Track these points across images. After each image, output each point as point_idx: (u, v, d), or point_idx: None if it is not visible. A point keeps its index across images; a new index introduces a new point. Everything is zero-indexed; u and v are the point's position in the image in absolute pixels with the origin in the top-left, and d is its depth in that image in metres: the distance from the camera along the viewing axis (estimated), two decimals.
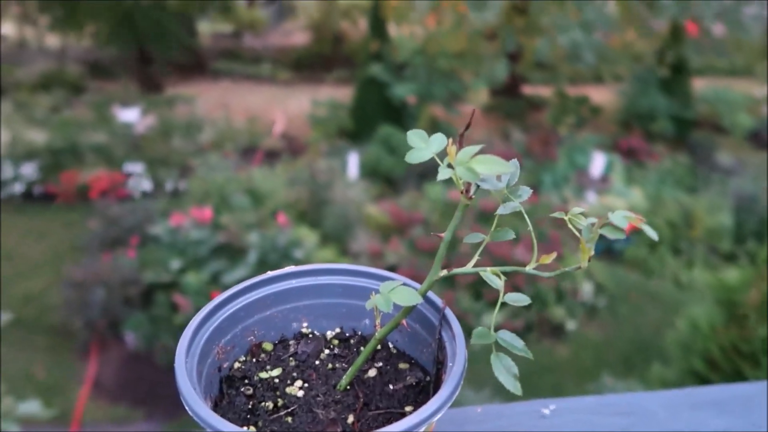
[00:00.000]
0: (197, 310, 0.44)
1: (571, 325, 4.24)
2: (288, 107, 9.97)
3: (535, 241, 0.37)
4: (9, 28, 15.13)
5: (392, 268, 4.43)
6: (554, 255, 0.37)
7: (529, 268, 0.38)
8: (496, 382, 0.37)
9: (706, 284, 4.49)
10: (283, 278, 0.48)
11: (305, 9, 16.09)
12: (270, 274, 0.48)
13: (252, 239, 4.23)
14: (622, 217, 0.34)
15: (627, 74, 8.45)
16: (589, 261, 0.36)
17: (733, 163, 7.07)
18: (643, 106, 7.79)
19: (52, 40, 14.12)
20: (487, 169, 0.31)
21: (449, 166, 0.34)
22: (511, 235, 0.40)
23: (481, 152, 0.32)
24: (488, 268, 0.38)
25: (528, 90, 10.29)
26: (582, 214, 0.38)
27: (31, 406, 2.23)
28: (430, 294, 0.44)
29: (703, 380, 2.00)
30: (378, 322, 0.42)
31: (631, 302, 4.60)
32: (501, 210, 0.40)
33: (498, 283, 0.38)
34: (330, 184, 5.30)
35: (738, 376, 1.89)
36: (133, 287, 4.17)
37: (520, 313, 4.13)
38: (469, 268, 0.39)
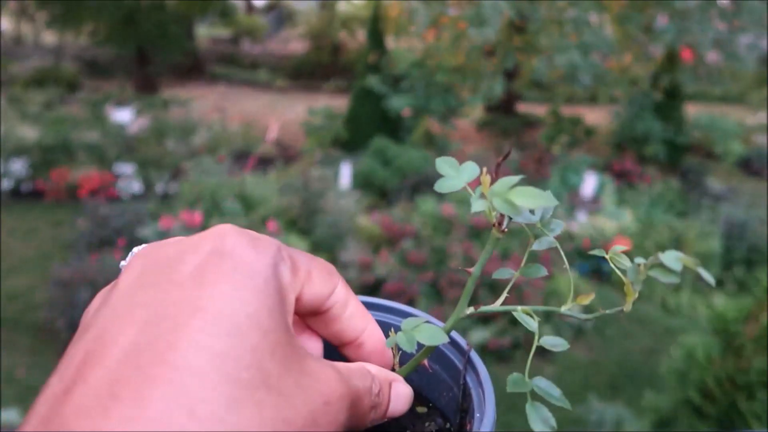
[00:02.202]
0: None
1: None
2: (283, 114, 9.97)
3: (572, 278, 0.35)
4: (6, 23, 15.06)
5: (381, 281, 4.40)
6: (592, 296, 0.35)
7: (565, 309, 0.35)
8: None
9: (701, 312, 4.50)
10: None
11: (305, 18, 16.15)
12: None
13: None
14: (675, 259, 0.30)
15: (622, 97, 8.52)
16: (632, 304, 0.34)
17: (723, 190, 7.12)
18: (637, 130, 7.85)
19: (49, 37, 14.06)
20: (527, 202, 0.28)
21: (482, 196, 0.31)
22: (544, 272, 0.38)
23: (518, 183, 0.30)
24: (519, 307, 0.36)
25: (523, 108, 10.35)
26: (624, 252, 0.35)
27: (10, 415, 2.18)
28: (453, 333, 0.40)
29: (697, 411, 1.98)
30: (396, 361, 0.39)
31: (619, 324, 4.60)
32: (536, 246, 0.37)
33: (533, 325, 0.36)
34: (322, 193, 5.28)
35: (733, 409, 1.87)
36: None
37: (506, 331, 4.12)
38: (497, 306, 0.37)
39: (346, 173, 6.30)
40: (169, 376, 0.23)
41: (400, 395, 0.35)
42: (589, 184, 6.36)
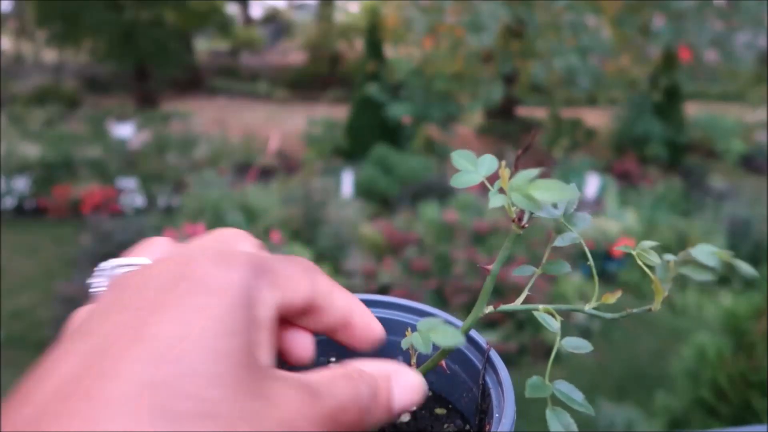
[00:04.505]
0: None
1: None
2: (284, 125, 9.99)
3: (596, 276, 0.33)
4: (6, 42, 15.16)
5: (386, 288, 4.39)
6: (619, 293, 0.33)
7: (588, 308, 0.34)
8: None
9: (708, 311, 4.48)
10: None
11: (303, 29, 16.22)
12: None
13: None
14: (708, 254, 0.27)
15: (621, 98, 8.53)
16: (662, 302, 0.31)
17: (725, 188, 7.11)
18: (638, 131, 7.85)
19: (49, 55, 14.14)
20: (547, 196, 0.26)
21: (500, 191, 0.29)
22: (567, 269, 0.36)
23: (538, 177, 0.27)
24: (541, 306, 0.34)
25: (522, 112, 10.36)
26: (652, 248, 0.33)
27: None
28: (472, 332, 0.39)
29: (711, 410, 1.96)
30: (414, 361, 0.38)
31: (625, 326, 4.58)
32: (559, 242, 0.35)
33: (555, 325, 0.34)
34: (324, 203, 5.28)
35: (747, 407, 1.85)
36: None
37: (513, 335, 4.10)
38: (518, 304, 0.36)
39: (347, 182, 6.31)
40: (91, 411, 0.22)
41: (406, 387, 0.33)
42: (591, 186, 6.35)
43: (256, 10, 20.21)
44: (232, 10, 17.09)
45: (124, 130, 7.84)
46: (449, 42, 7.59)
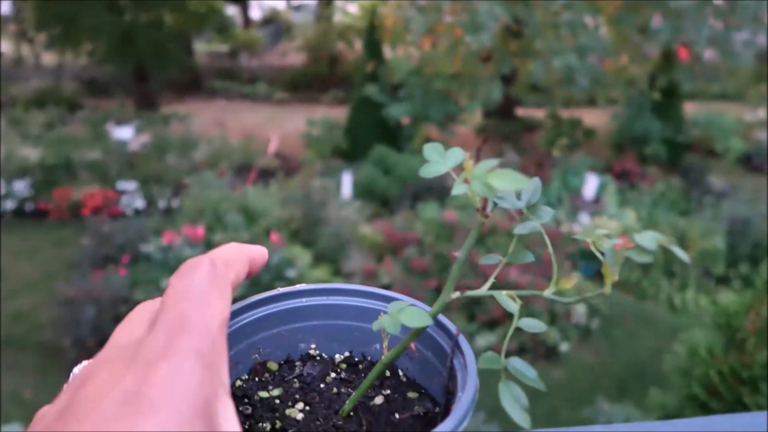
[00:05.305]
0: None
1: (564, 347, 4.21)
2: (283, 127, 10.00)
3: (555, 264, 0.35)
4: (5, 46, 15.17)
5: (385, 288, 4.40)
6: (575, 280, 0.35)
7: (548, 293, 0.35)
8: (494, 409, 0.35)
9: (705, 309, 4.48)
10: (294, 296, 0.46)
11: (302, 30, 16.24)
12: (280, 290, 0.46)
13: None
14: (650, 239, 0.30)
15: (620, 98, 8.53)
16: (612, 286, 0.33)
17: (725, 187, 7.12)
18: (637, 130, 7.85)
19: (49, 58, 14.16)
20: (504, 184, 0.28)
21: (465, 181, 0.31)
22: (531, 258, 0.38)
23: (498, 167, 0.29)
24: (504, 291, 0.36)
25: (522, 112, 10.36)
26: (606, 235, 0.34)
27: (13, 428, 2.18)
28: (444, 319, 0.41)
29: (703, 407, 1.98)
30: (386, 345, 0.40)
31: (625, 325, 4.58)
32: (519, 229, 0.37)
33: (513, 307, 0.36)
34: (324, 204, 5.29)
35: (737, 403, 1.87)
36: (124, 305, 4.13)
37: (513, 334, 4.10)
38: (484, 290, 0.37)
39: (347, 183, 6.32)
40: None
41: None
42: (590, 185, 6.36)
43: (256, 12, 20.23)
44: (231, 11, 17.11)
45: (124, 132, 7.85)
46: (448, 42, 7.59)
